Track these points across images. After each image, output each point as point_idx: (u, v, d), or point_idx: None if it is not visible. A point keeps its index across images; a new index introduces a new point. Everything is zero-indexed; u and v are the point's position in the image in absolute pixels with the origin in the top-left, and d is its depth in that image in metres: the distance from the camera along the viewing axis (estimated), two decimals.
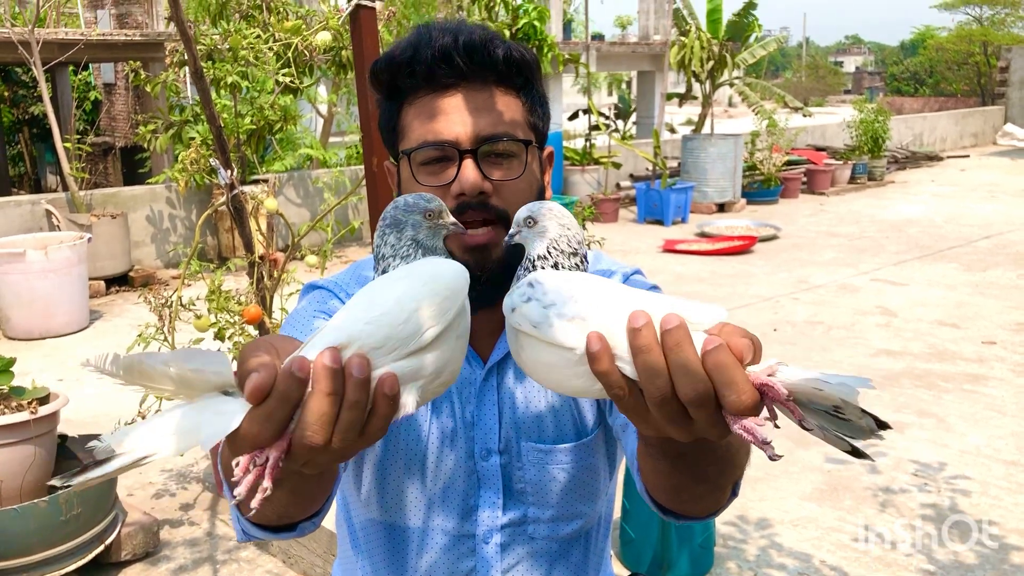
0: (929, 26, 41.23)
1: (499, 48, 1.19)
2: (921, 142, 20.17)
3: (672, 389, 0.77)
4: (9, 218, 8.07)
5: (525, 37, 9.67)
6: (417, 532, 1.29)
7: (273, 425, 0.74)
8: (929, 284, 8.22)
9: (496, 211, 1.17)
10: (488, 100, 1.19)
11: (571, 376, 0.83)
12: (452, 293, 0.83)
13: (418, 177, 1.19)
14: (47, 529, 3.11)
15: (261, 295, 3.60)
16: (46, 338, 6.81)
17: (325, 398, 0.74)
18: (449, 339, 0.83)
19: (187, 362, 0.74)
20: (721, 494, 1.11)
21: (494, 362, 1.26)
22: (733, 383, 0.75)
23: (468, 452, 1.27)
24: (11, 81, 15.54)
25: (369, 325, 0.78)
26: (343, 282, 1.30)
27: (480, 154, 1.17)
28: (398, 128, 1.23)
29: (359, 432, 0.77)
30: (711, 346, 0.76)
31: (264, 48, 4.73)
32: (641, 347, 0.76)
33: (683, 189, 12.06)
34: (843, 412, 0.75)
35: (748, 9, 14.45)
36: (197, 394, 0.76)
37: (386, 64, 1.22)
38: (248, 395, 0.73)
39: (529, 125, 1.23)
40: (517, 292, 0.87)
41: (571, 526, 1.30)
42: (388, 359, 0.78)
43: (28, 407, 3.19)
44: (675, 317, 0.77)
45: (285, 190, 9.99)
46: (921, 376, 5.60)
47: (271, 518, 1.06)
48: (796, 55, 67.04)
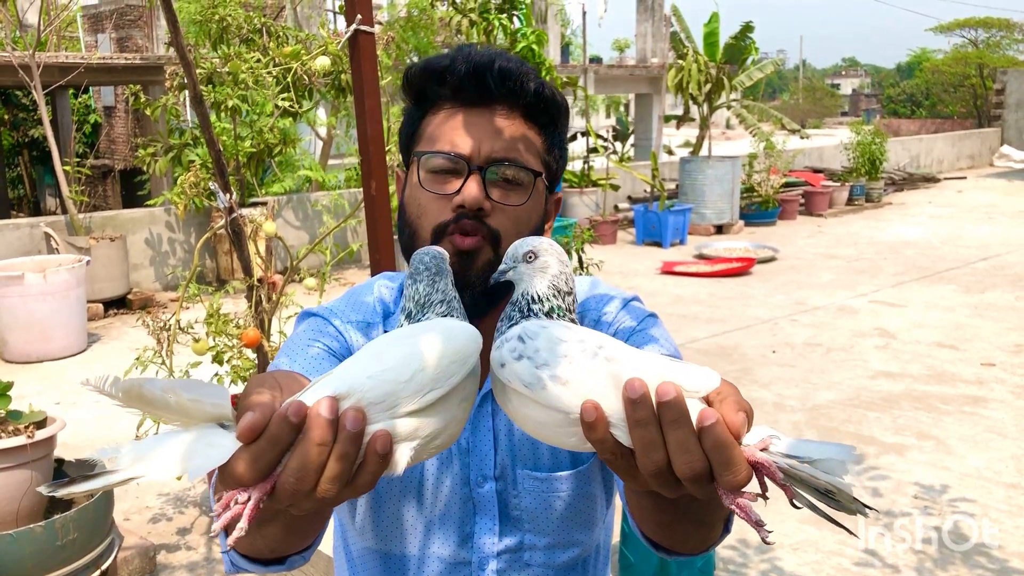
0: (925, 48, 41.58)
1: (532, 82, 1.20)
2: (918, 164, 20.25)
3: (668, 462, 0.77)
4: (8, 241, 8.08)
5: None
6: (413, 559, 1.28)
7: (260, 466, 0.74)
8: (927, 306, 8.23)
9: (489, 229, 1.17)
10: (509, 126, 1.20)
11: (561, 435, 0.82)
12: (461, 357, 0.83)
13: (424, 182, 1.20)
14: (43, 554, 3.09)
15: (259, 318, 3.60)
16: (44, 361, 6.80)
17: (315, 447, 0.74)
18: (451, 403, 0.82)
19: (186, 392, 0.75)
20: (710, 531, 1.09)
21: (488, 390, 1.25)
22: (731, 463, 0.75)
23: (463, 479, 1.26)
24: (11, 104, 15.61)
25: (372, 379, 0.78)
26: (339, 309, 1.29)
27: (488, 174, 1.18)
28: (416, 134, 1.25)
29: (346, 483, 0.76)
30: (707, 422, 0.75)
31: (264, 72, 4.75)
32: (639, 421, 0.76)
33: (681, 211, 12.09)
34: (834, 495, 0.76)
35: (745, 32, 14.56)
36: (194, 423, 0.76)
37: (420, 70, 1.23)
38: (239, 433, 0.73)
39: (543, 162, 1.24)
40: (507, 346, 0.85)
41: (568, 554, 1.29)
42: (386, 416, 0.78)
43: (25, 431, 3.18)
44: (671, 387, 0.76)
45: (284, 212, 10.01)
46: (920, 398, 5.59)
47: (263, 551, 1.05)
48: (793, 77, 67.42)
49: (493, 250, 1.17)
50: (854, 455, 0.77)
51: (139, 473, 0.74)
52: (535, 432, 0.86)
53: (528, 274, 0.91)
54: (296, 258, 3.70)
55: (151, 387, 0.73)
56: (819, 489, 0.77)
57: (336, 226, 3.79)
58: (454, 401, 0.82)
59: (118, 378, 0.73)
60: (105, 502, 3.39)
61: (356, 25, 3.00)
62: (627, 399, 0.77)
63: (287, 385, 0.81)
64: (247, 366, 3.76)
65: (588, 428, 0.78)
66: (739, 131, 28.64)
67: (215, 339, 3.59)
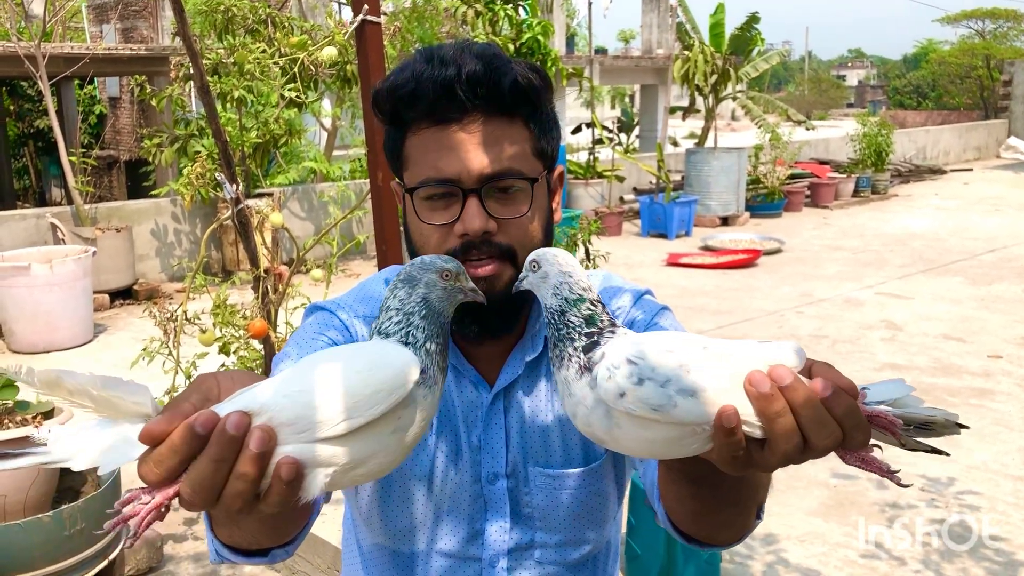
0: (932, 40, 41.41)
1: (505, 77, 1.13)
2: (924, 156, 20.18)
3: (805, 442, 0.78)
4: (14, 232, 8.09)
5: (529, 52, 9.70)
6: (423, 556, 1.27)
7: (162, 471, 0.73)
8: (934, 298, 8.21)
9: (500, 248, 1.14)
10: (493, 133, 1.14)
11: (677, 447, 0.81)
12: (387, 388, 0.78)
13: (421, 214, 1.16)
14: (51, 544, 3.10)
15: (266, 309, 3.60)
16: (50, 351, 6.81)
17: (211, 463, 0.72)
18: (378, 433, 0.78)
19: (105, 388, 0.74)
20: (746, 518, 1.09)
21: (500, 388, 1.25)
22: (860, 424, 0.78)
23: (474, 476, 1.25)
24: (17, 95, 15.61)
25: (286, 399, 0.75)
26: (346, 303, 1.28)
27: (484, 192, 1.13)
28: (401, 157, 1.20)
29: (250, 499, 0.74)
30: (827, 392, 0.77)
31: (270, 63, 4.75)
32: (777, 412, 0.77)
33: (687, 202, 12.06)
34: (932, 425, 0.80)
35: (751, 23, 14.51)
36: (121, 417, 0.76)
37: (387, 95, 1.17)
38: (139, 436, 0.72)
39: (537, 152, 1.19)
40: (620, 374, 0.81)
41: (579, 551, 1.29)
42: (299, 439, 0.74)
43: (32, 421, 3.19)
44: (786, 371, 0.78)
45: (289, 204, 10.01)
46: (927, 390, 5.58)
47: (244, 543, 1.05)
48: (799, 69, 67.25)
49: (512, 265, 1.15)
50: (909, 386, 0.82)
51: (59, 458, 0.74)
52: (646, 451, 0.84)
53: (536, 284, 0.92)
54: (303, 249, 3.69)
55: (70, 379, 0.73)
56: (916, 424, 0.81)
57: (343, 217, 3.78)
58: (382, 432, 0.78)
59: (33, 368, 0.73)
60: (112, 492, 3.40)
61: (363, 15, 3.00)
62: (760, 395, 0.77)
63: (227, 389, 0.78)
64: (254, 357, 3.76)
65: (726, 433, 0.78)
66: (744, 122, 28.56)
67: (222, 330, 3.59)
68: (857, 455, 0.79)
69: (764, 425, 0.78)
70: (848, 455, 0.80)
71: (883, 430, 0.79)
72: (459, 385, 1.25)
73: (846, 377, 0.79)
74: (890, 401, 0.80)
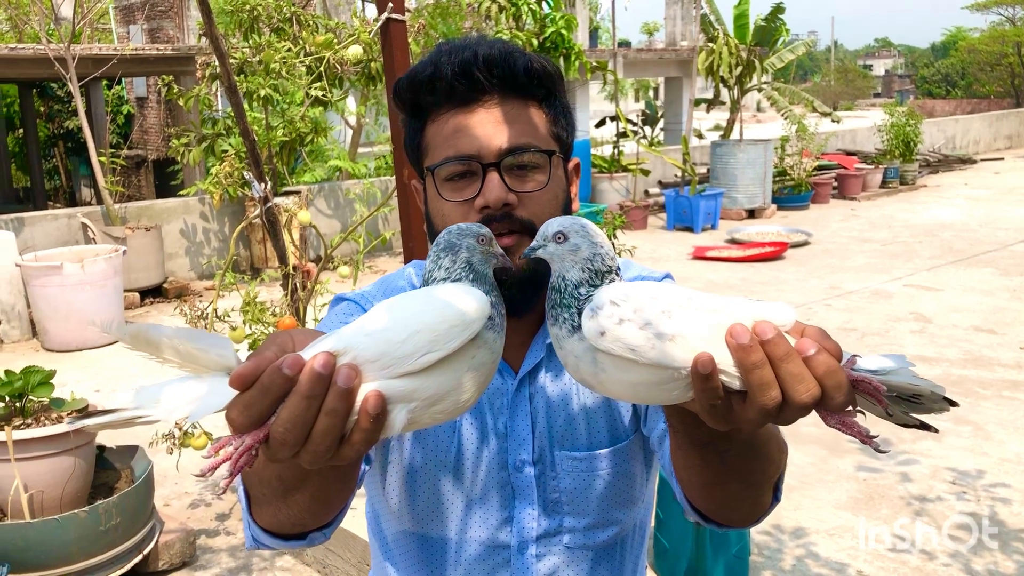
0: (960, 27, 40.81)
1: (519, 60, 1.18)
2: (954, 145, 19.94)
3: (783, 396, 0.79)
4: (47, 232, 8.21)
5: (553, 46, 9.70)
6: (452, 543, 1.28)
7: (251, 414, 0.75)
8: (964, 289, 8.12)
9: (521, 222, 1.16)
10: (510, 113, 1.18)
11: (663, 391, 0.83)
12: (462, 323, 0.81)
13: (443, 193, 1.19)
14: (87, 539, 3.16)
15: (295, 306, 3.64)
16: (82, 349, 6.91)
17: (303, 400, 0.75)
18: (454, 368, 0.81)
19: (192, 341, 0.77)
20: (758, 494, 1.09)
21: (524, 372, 1.26)
22: (841, 385, 0.78)
23: (501, 463, 1.26)
24: (47, 96, 15.83)
25: (368, 338, 0.78)
26: (371, 295, 1.31)
27: (504, 167, 1.16)
28: (422, 147, 1.23)
29: (337, 439, 0.77)
30: (811, 350, 0.78)
31: (296, 62, 4.78)
32: (754, 363, 0.78)
33: (713, 195, 12.00)
34: (920, 398, 0.81)
35: (775, 14, 14.39)
36: (204, 371, 0.78)
37: (407, 83, 1.21)
38: (230, 380, 0.75)
39: (553, 136, 1.22)
40: (603, 314, 0.83)
41: (607, 533, 1.30)
42: (382, 375, 0.77)
43: (68, 418, 3.24)
44: (769, 326, 0.79)
45: (316, 201, 10.07)
46: (958, 382, 5.53)
47: (285, 525, 1.07)
48: (824, 59, 66.61)
49: (531, 240, 1.14)
50: (909, 361, 0.82)
51: (147, 413, 0.76)
52: (631, 395, 0.85)
53: (559, 255, 0.89)
54: (330, 247, 3.72)
55: (157, 333, 0.75)
56: (904, 396, 0.81)
57: (370, 214, 3.81)
58: (459, 368, 0.81)
59: (125, 322, 0.75)
60: (146, 488, 3.45)
61: (388, 13, 3.01)
62: (738, 345, 0.78)
63: (302, 341, 0.81)
64: None
65: (702, 380, 0.79)
66: (770, 114, 28.34)
67: (251, 327, 3.63)
68: (838, 418, 0.80)
69: (742, 376, 0.79)
70: (829, 417, 0.80)
71: (868, 396, 0.80)
72: None
73: (834, 341, 0.80)
74: (883, 372, 0.81)
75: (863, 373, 0.80)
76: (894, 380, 0.80)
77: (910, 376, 0.81)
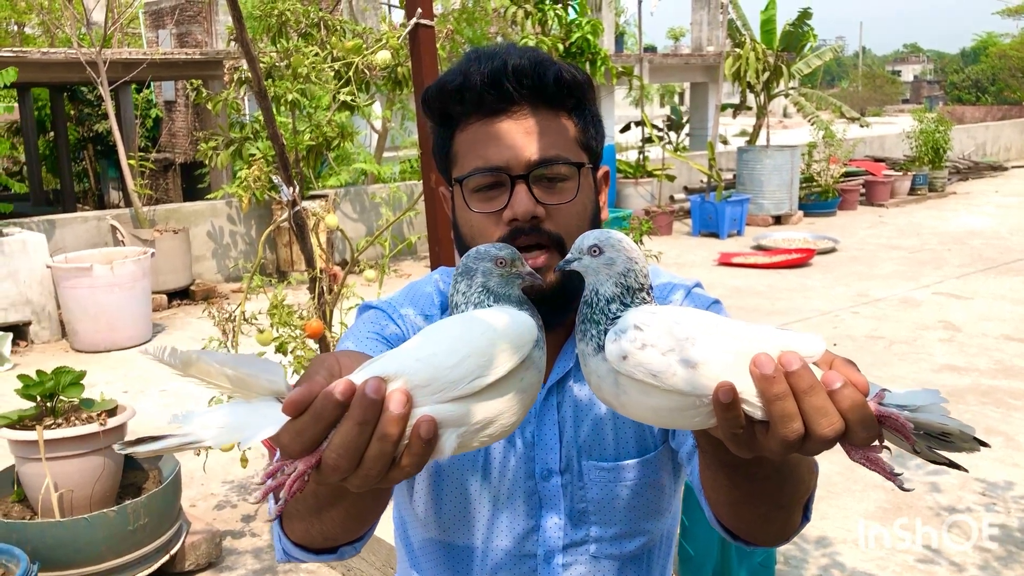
0: (991, 33, 40.39)
1: (549, 70, 1.17)
2: (984, 152, 19.71)
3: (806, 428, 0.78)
4: (76, 233, 8.30)
5: (579, 51, 9.69)
6: (478, 551, 1.28)
7: (305, 440, 0.76)
8: (994, 298, 8.02)
9: (549, 235, 1.15)
10: (539, 123, 1.17)
11: (685, 417, 0.82)
12: (512, 346, 0.81)
13: (471, 204, 1.18)
14: (115, 538, 3.19)
15: (322, 309, 3.65)
16: (111, 351, 6.98)
17: (356, 426, 0.75)
18: (504, 391, 0.81)
19: (242, 366, 0.77)
20: (788, 515, 1.08)
21: (553, 382, 1.25)
22: (866, 420, 0.77)
23: (528, 472, 1.26)
24: (77, 99, 16.03)
25: (419, 362, 0.78)
26: (397, 302, 1.31)
27: (532, 178, 1.15)
28: (450, 155, 1.22)
29: (389, 463, 0.77)
30: (837, 384, 0.78)
31: (324, 67, 4.81)
32: (777, 395, 0.77)
33: (739, 201, 11.94)
34: (949, 436, 0.79)
35: (803, 19, 14.29)
36: (254, 396, 0.79)
37: (436, 92, 1.20)
38: (284, 407, 0.75)
39: (582, 146, 1.21)
40: (626, 337, 0.82)
41: (634, 543, 1.29)
42: (432, 399, 0.78)
43: (97, 419, 3.27)
44: (795, 356, 0.78)
45: (342, 205, 10.13)
46: (988, 392, 5.46)
47: (317, 540, 1.07)
48: (852, 64, 66.11)
49: (561, 255, 1.14)
50: (942, 397, 0.80)
51: (199, 438, 0.76)
52: (653, 419, 0.85)
53: (594, 268, 0.88)
54: (357, 250, 3.74)
55: (209, 359, 0.76)
56: (933, 433, 0.79)
57: (397, 218, 3.82)
58: (508, 391, 0.81)
59: (176, 349, 0.75)
60: (173, 489, 3.48)
61: (417, 19, 3.03)
62: (761, 376, 0.78)
63: (349, 365, 0.82)
64: (310, 356, 3.81)
65: (724, 408, 0.78)
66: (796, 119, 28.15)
67: (279, 330, 3.65)
68: (863, 452, 0.79)
69: (764, 406, 0.78)
70: (854, 451, 0.80)
71: (895, 432, 0.79)
72: None
73: (862, 375, 0.79)
74: (912, 407, 0.79)
75: (891, 408, 0.79)
76: (923, 418, 0.79)
77: (940, 414, 0.79)
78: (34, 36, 17.04)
